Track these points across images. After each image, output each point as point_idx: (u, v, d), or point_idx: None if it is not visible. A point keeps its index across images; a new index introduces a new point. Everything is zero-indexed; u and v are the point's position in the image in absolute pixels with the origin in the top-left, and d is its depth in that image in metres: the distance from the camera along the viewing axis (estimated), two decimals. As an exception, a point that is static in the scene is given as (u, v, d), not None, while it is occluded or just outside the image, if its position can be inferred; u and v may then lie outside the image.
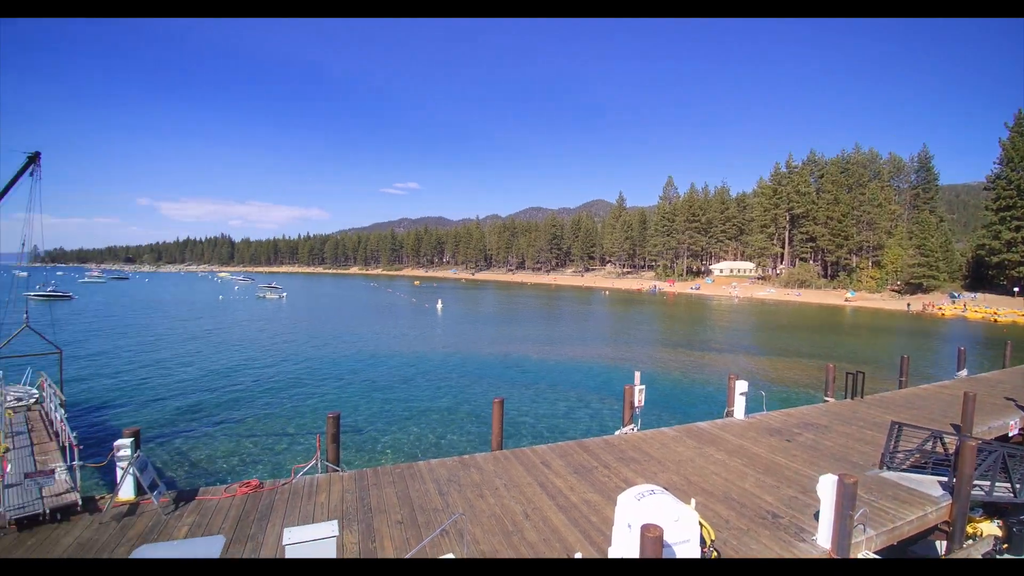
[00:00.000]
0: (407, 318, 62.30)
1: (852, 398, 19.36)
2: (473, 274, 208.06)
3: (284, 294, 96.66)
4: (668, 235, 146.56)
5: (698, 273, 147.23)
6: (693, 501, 7.85)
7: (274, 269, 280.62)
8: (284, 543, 6.11)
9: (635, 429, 15.73)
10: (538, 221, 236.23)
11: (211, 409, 22.75)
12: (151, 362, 32.97)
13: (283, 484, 11.69)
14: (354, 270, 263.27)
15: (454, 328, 53.22)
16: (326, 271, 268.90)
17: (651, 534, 6.05)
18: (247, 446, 18.24)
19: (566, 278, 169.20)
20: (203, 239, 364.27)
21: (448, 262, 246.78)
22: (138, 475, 10.59)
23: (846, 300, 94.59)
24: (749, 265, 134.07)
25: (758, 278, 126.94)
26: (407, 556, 8.46)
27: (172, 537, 9.33)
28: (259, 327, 52.52)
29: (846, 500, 8.27)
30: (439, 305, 75.81)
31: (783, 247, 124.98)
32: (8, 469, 10.05)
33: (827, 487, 8.35)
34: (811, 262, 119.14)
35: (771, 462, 13.05)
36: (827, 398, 19.36)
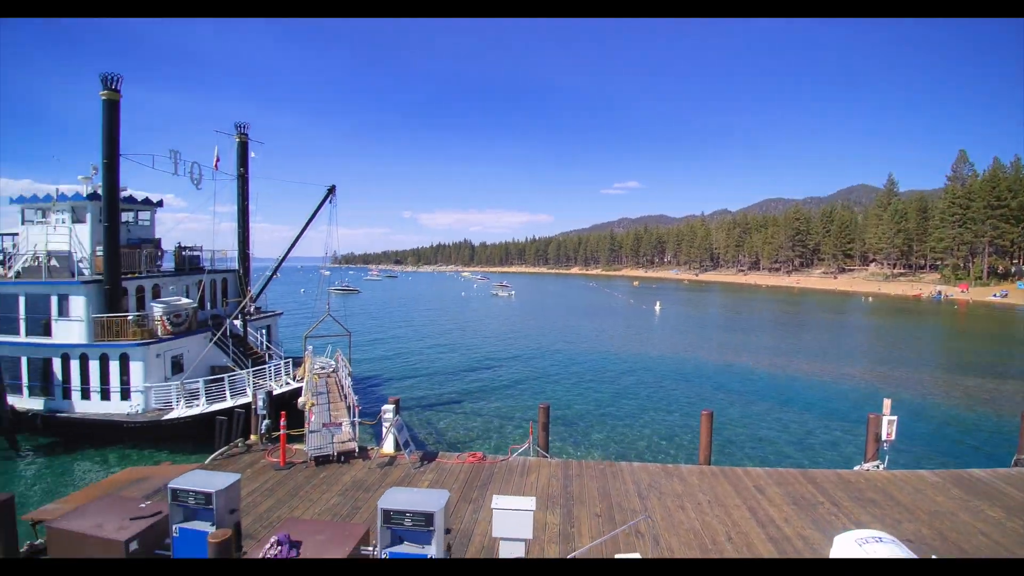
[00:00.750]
0: (624, 319, 62.60)
1: None
2: (697, 275, 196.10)
3: (513, 292, 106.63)
4: (961, 226, 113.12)
5: (1006, 276, 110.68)
6: (935, 558, 6.49)
7: (505, 269, 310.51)
8: (493, 506, 7.31)
9: (880, 466, 13.34)
10: (776, 215, 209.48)
11: (453, 388, 27.07)
12: (413, 347, 40.74)
13: (501, 460, 13.47)
14: (575, 270, 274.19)
15: (672, 332, 51.49)
16: (549, 271, 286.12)
17: (864, 583, 5.31)
18: (476, 423, 21.26)
19: (813, 280, 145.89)
20: (450, 243, 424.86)
21: (669, 262, 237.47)
22: (396, 434, 13.57)
23: None
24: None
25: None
26: (597, 543, 8.98)
27: (416, 487, 11.70)
28: (493, 323, 59.56)
29: None
30: (657, 307, 74.01)
31: None
32: (312, 419, 13.92)
33: None
34: None
35: (1091, 538, 9.65)
36: None
